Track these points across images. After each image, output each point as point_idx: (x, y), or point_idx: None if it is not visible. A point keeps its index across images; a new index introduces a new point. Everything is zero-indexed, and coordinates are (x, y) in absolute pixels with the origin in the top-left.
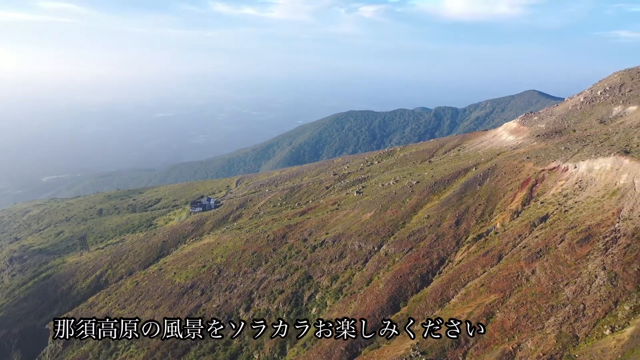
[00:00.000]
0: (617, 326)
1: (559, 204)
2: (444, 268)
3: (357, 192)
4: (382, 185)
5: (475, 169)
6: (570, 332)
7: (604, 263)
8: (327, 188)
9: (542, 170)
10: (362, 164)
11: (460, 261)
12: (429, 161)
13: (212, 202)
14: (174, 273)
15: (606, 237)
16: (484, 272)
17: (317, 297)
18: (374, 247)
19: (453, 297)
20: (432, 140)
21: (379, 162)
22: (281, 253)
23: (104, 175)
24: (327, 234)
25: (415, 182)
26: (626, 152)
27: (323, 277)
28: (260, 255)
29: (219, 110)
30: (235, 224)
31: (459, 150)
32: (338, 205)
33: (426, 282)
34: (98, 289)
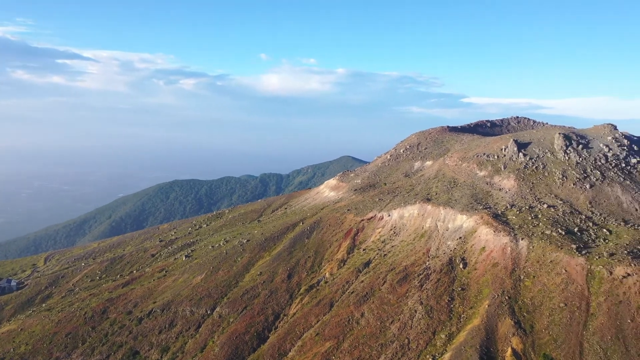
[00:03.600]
0: (437, 354)
1: (378, 250)
2: (280, 323)
3: (186, 256)
4: (212, 247)
5: (302, 223)
6: None
7: (420, 298)
8: (153, 256)
9: (362, 220)
10: (190, 228)
11: (294, 314)
12: (258, 220)
13: (13, 283)
14: None
15: (420, 274)
16: (318, 322)
17: None
18: (206, 311)
19: (290, 350)
20: (259, 200)
21: (207, 225)
22: (102, 330)
23: None
24: (154, 302)
25: (245, 240)
26: (428, 200)
27: (152, 350)
28: (77, 335)
29: (21, 186)
30: (44, 305)
31: (286, 208)
32: (166, 271)
33: (263, 340)
34: None
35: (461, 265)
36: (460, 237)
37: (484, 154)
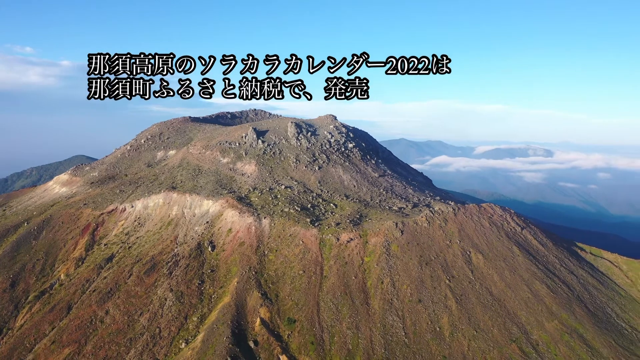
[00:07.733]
0: (190, 337)
1: (122, 242)
2: (3, 339)
3: None
4: None
5: (27, 223)
6: (151, 357)
7: (170, 285)
8: None
9: (102, 214)
10: None
11: (22, 325)
12: None
13: None
14: None
15: (169, 262)
16: (53, 329)
17: None
18: None
19: None
20: None
21: None
22: None
23: None
24: None
25: None
26: (173, 188)
27: None
28: None
29: None
30: None
31: (5, 209)
32: None
33: None
34: None
35: (210, 249)
36: (207, 222)
37: (227, 141)
